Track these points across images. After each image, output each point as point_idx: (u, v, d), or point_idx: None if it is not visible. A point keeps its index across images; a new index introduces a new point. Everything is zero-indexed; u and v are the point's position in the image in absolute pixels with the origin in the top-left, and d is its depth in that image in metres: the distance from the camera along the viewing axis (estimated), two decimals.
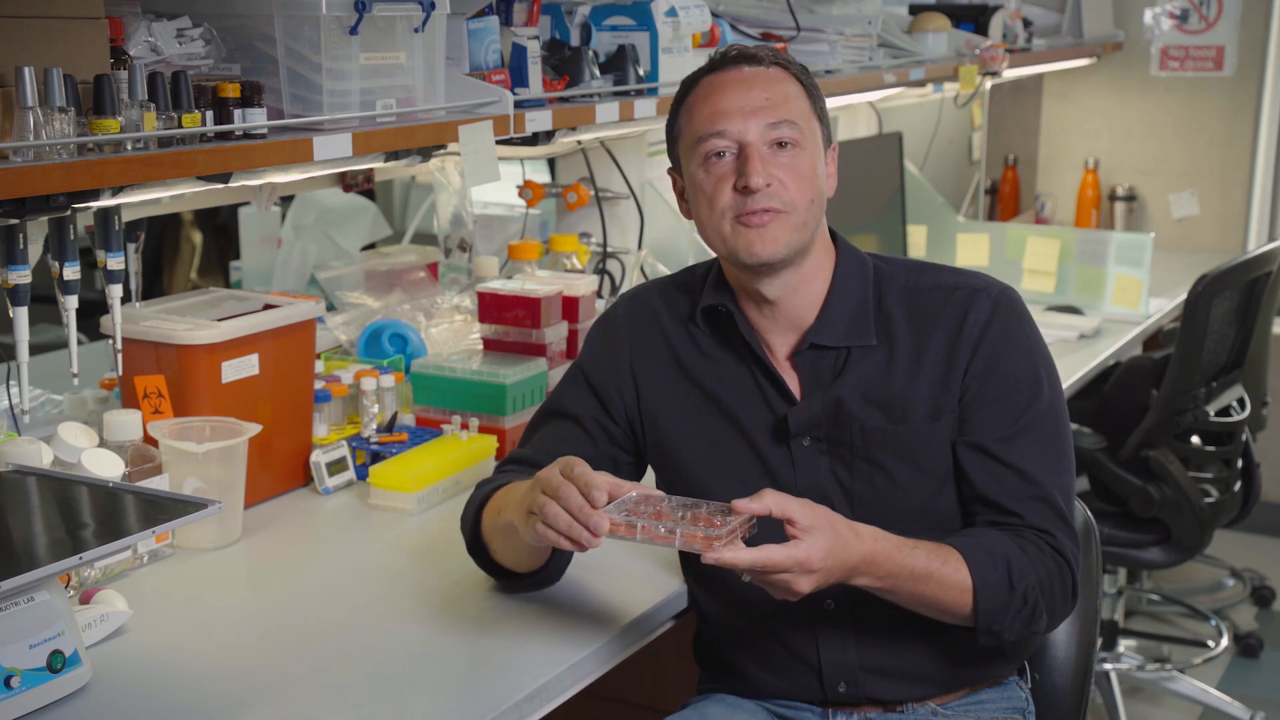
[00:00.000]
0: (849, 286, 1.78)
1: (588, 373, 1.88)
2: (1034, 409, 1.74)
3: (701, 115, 1.73)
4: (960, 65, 3.62)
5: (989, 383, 1.74)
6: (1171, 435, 3.16)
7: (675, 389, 1.83)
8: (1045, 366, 1.78)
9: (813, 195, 1.72)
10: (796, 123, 1.71)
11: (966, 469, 1.74)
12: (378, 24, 1.99)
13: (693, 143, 1.74)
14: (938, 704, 1.80)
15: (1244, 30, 4.57)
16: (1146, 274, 3.57)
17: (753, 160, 1.69)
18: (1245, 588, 4.29)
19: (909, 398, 1.74)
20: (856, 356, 1.76)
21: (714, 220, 1.73)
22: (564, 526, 1.56)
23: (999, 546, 1.68)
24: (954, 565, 1.65)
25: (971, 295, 1.76)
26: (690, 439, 1.81)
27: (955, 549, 1.66)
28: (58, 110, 1.60)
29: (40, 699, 1.50)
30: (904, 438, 1.74)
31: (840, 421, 1.75)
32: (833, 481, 1.75)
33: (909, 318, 1.77)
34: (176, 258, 4.16)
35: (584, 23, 2.56)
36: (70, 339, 1.84)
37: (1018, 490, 1.72)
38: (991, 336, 1.74)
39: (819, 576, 1.56)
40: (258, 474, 2.11)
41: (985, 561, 1.66)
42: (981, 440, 1.73)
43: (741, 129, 1.70)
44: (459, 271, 2.97)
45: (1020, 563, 1.67)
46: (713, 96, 1.73)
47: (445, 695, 1.58)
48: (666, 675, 2.21)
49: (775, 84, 1.73)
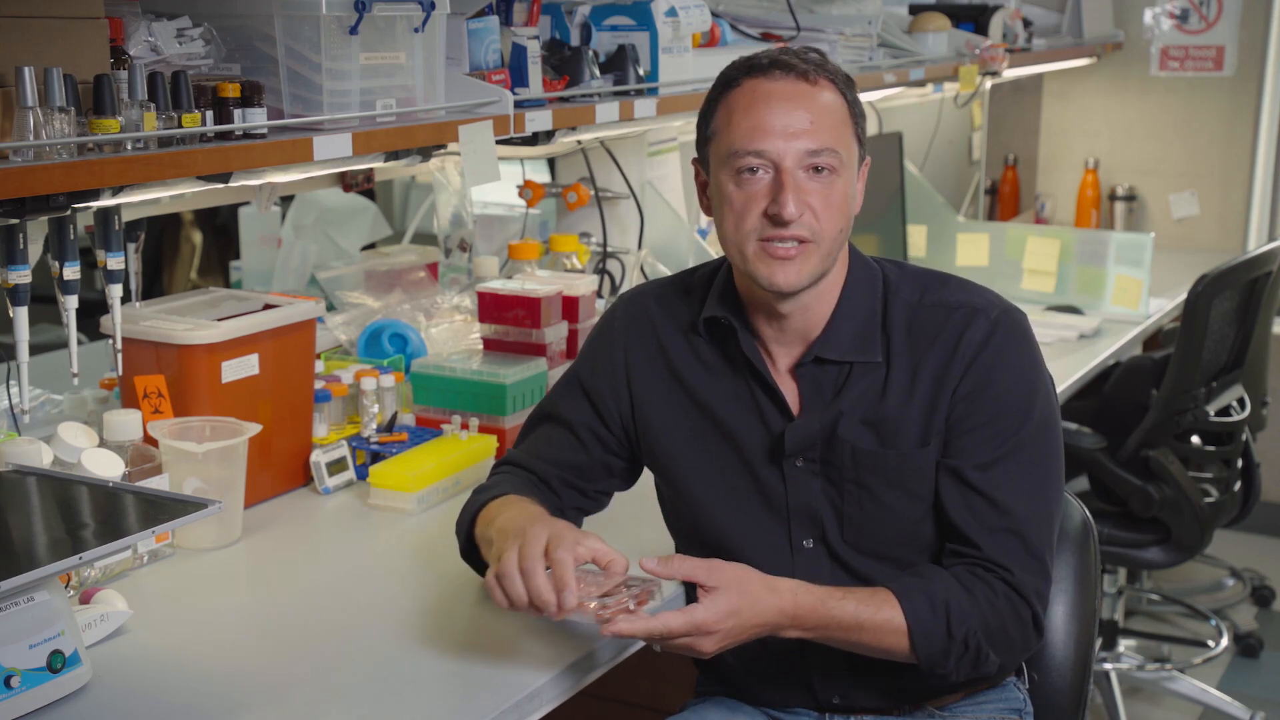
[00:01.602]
0: (858, 298, 1.73)
1: (582, 378, 1.86)
2: (1020, 434, 1.68)
3: (741, 128, 1.64)
4: (960, 65, 3.62)
5: (976, 405, 1.68)
6: (1171, 435, 3.16)
7: (670, 398, 1.80)
8: (1041, 391, 1.71)
9: (842, 225, 1.67)
10: (837, 150, 1.64)
11: (941, 493, 1.70)
12: (378, 24, 1.99)
13: (727, 153, 1.66)
14: (934, 705, 1.80)
15: (1244, 30, 4.57)
16: (1146, 274, 3.57)
17: (787, 189, 1.62)
18: (1245, 588, 4.29)
19: (901, 421, 1.70)
20: (858, 373, 1.72)
21: (738, 238, 1.67)
22: (518, 602, 1.56)
23: (940, 589, 1.64)
24: (888, 612, 1.62)
25: (970, 315, 1.71)
26: (684, 451, 1.79)
27: (892, 594, 1.63)
28: (58, 110, 1.60)
29: (40, 699, 1.50)
30: (893, 462, 1.70)
31: (833, 444, 1.71)
32: (824, 501, 1.73)
33: (908, 336, 1.72)
34: (176, 258, 4.15)
35: (584, 23, 2.56)
36: (70, 339, 1.84)
37: (988, 520, 1.67)
38: (985, 358, 1.69)
39: (720, 637, 1.56)
40: (258, 474, 2.11)
41: (923, 607, 1.62)
42: (959, 465, 1.68)
43: (781, 151, 1.62)
44: (459, 271, 2.97)
45: (961, 607, 1.63)
46: (755, 108, 1.64)
47: (445, 695, 1.59)
48: (666, 675, 2.21)
49: (821, 104, 1.65)
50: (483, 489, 1.82)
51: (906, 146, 3.96)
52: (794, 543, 1.74)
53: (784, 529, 1.75)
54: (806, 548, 1.74)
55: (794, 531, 1.74)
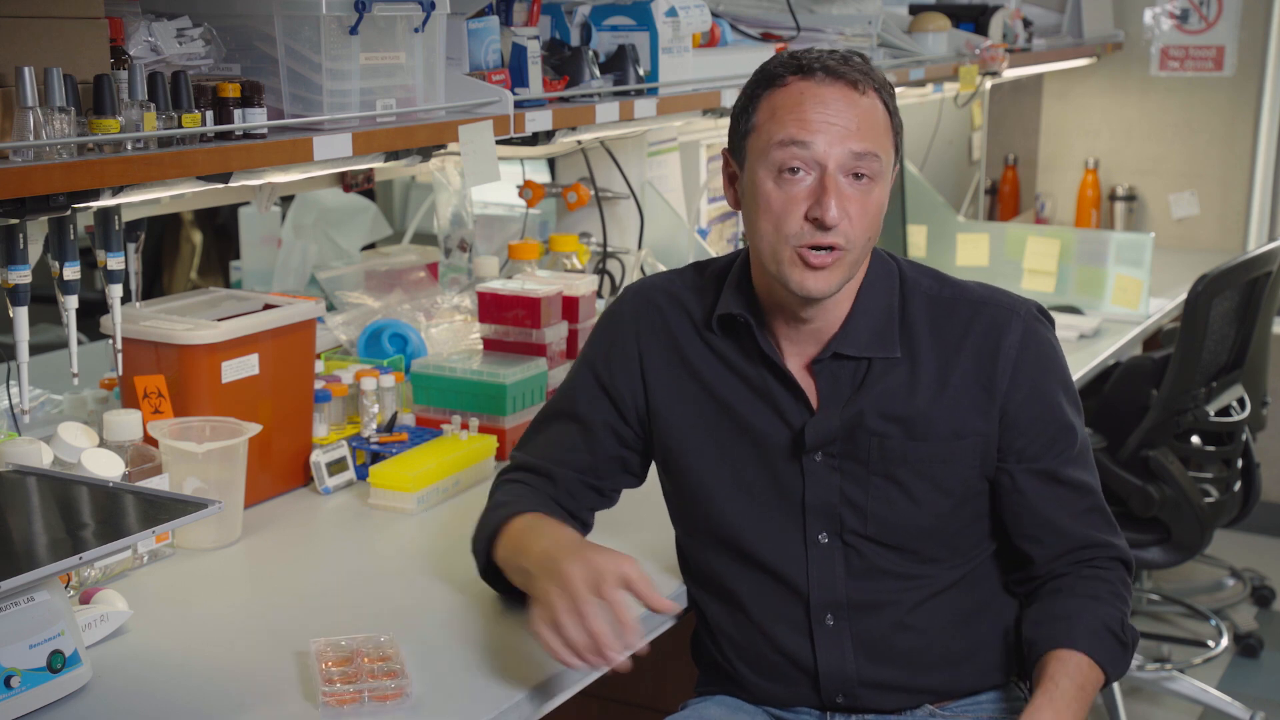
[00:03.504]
0: (875, 294, 1.74)
1: (599, 373, 1.83)
2: (1074, 424, 1.76)
3: (787, 120, 1.63)
4: (960, 65, 3.62)
5: (1034, 411, 1.73)
6: (1171, 435, 3.16)
7: (684, 392, 1.79)
8: (1067, 378, 1.79)
9: (872, 233, 1.67)
10: (880, 156, 1.64)
11: (1020, 491, 1.74)
12: (378, 24, 1.99)
13: (768, 144, 1.64)
14: (936, 706, 1.80)
15: (1244, 30, 4.57)
16: (1146, 274, 3.57)
17: (830, 192, 1.61)
18: (1245, 588, 4.29)
19: (931, 414, 1.71)
20: (879, 369, 1.72)
21: (774, 241, 1.65)
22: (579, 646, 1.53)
23: (1089, 616, 1.71)
24: (1086, 670, 1.68)
25: (1005, 316, 1.73)
26: (698, 447, 1.78)
27: (1065, 651, 1.69)
28: (58, 110, 1.60)
29: (40, 699, 1.50)
30: (924, 454, 1.72)
31: (856, 437, 1.72)
32: (842, 499, 1.73)
33: (932, 330, 1.73)
34: (176, 258, 4.16)
35: (584, 23, 2.56)
36: (70, 339, 1.84)
37: (1074, 505, 1.76)
38: (1028, 361, 1.73)
39: None
40: (258, 474, 2.11)
41: (1096, 645, 1.70)
42: (1037, 464, 1.74)
43: (826, 150, 1.62)
44: (459, 271, 2.97)
45: (1113, 614, 1.72)
46: (804, 106, 1.63)
47: (445, 695, 1.58)
48: (666, 675, 2.21)
49: (867, 110, 1.64)
50: (498, 505, 1.79)
51: (906, 146, 3.93)
52: (809, 537, 1.75)
53: (799, 523, 1.75)
54: (822, 542, 1.74)
55: (809, 526, 1.74)
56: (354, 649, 1.61)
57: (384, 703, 1.53)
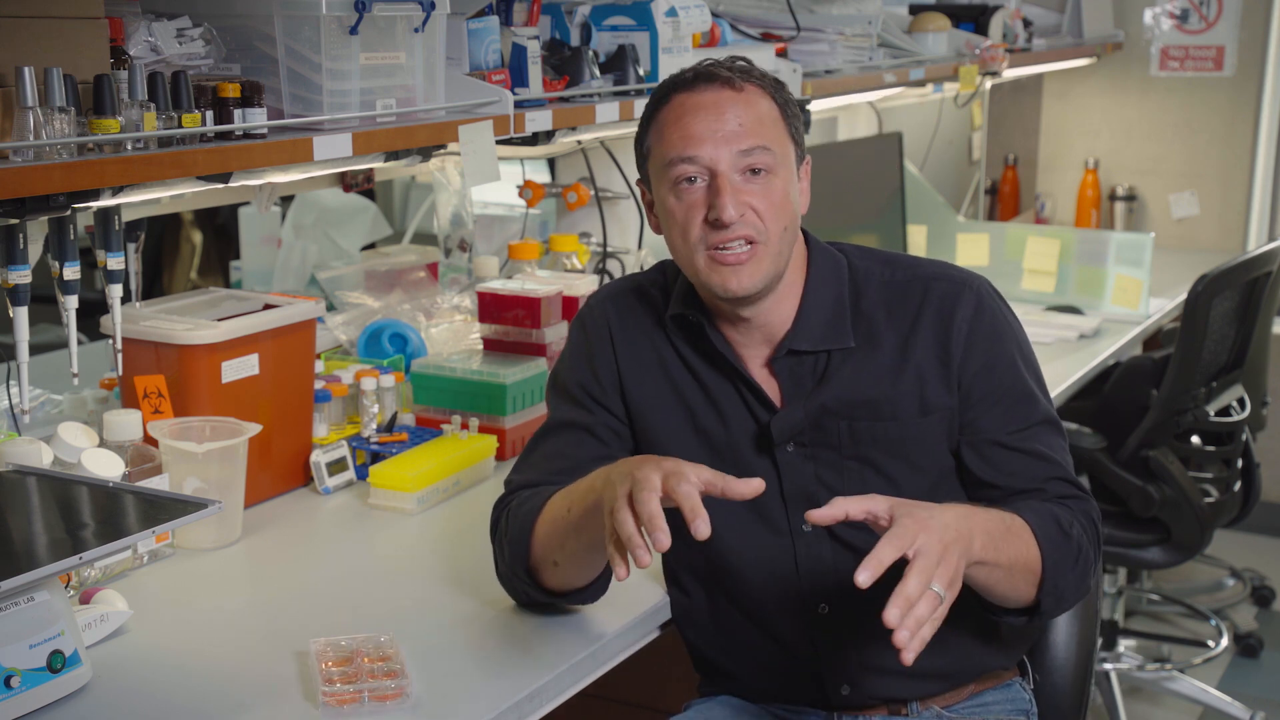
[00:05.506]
0: (823, 289, 1.76)
1: (582, 379, 1.83)
2: (1029, 390, 1.76)
3: (672, 138, 1.68)
4: (960, 65, 3.62)
5: (990, 381, 1.74)
6: (1171, 435, 3.16)
7: (659, 392, 1.81)
8: (1026, 340, 1.80)
9: (786, 223, 1.69)
10: (770, 148, 1.67)
11: (984, 463, 1.74)
12: (378, 24, 1.99)
13: (663, 165, 1.69)
14: (942, 706, 1.80)
15: (1244, 30, 4.57)
16: (1146, 274, 3.57)
17: (724, 192, 1.64)
18: (1245, 588, 4.29)
19: (896, 394, 1.73)
20: (838, 359, 1.75)
21: (687, 250, 1.70)
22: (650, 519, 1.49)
23: (1038, 506, 1.69)
24: (1021, 528, 1.64)
25: (955, 290, 1.75)
26: (675, 443, 1.79)
27: (1014, 514, 1.66)
28: (58, 110, 1.60)
29: (40, 699, 1.50)
30: (894, 434, 1.74)
31: (824, 425, 1.74)
32: (819, 486, 1.74)
33: (888, 314, 1.76)
34: (176, 258, 4.16)
35: (584, 23, 2.56)
36: (70, 339, 1.84)
37: (1038, 472, 1.74)
38: (981, 332, 1.74)
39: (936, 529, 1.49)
40: (258, 474, 2.11)
41: (1034, 518, 1.66)
42: (994, 435, 1.74)
43: (713, 156, 1.65)
44: (459, 271, 2.97)
45: (1063, 514, 1.69)
46: (685, 119, 1.67)
47: (445, 695, 1.58)
48: (667, 675, 2.21)
49: (749, 107, 1.68)
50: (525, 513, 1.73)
51: (906, 147, 3.96)
52: (793, 527, 1.75)
53: (782, 515, 1.76)
54: (806, 531, 1.75)
55: (792, 516, 1.75)
56: (354, 649, 1.61)
57: (384, 703, 1.53)
